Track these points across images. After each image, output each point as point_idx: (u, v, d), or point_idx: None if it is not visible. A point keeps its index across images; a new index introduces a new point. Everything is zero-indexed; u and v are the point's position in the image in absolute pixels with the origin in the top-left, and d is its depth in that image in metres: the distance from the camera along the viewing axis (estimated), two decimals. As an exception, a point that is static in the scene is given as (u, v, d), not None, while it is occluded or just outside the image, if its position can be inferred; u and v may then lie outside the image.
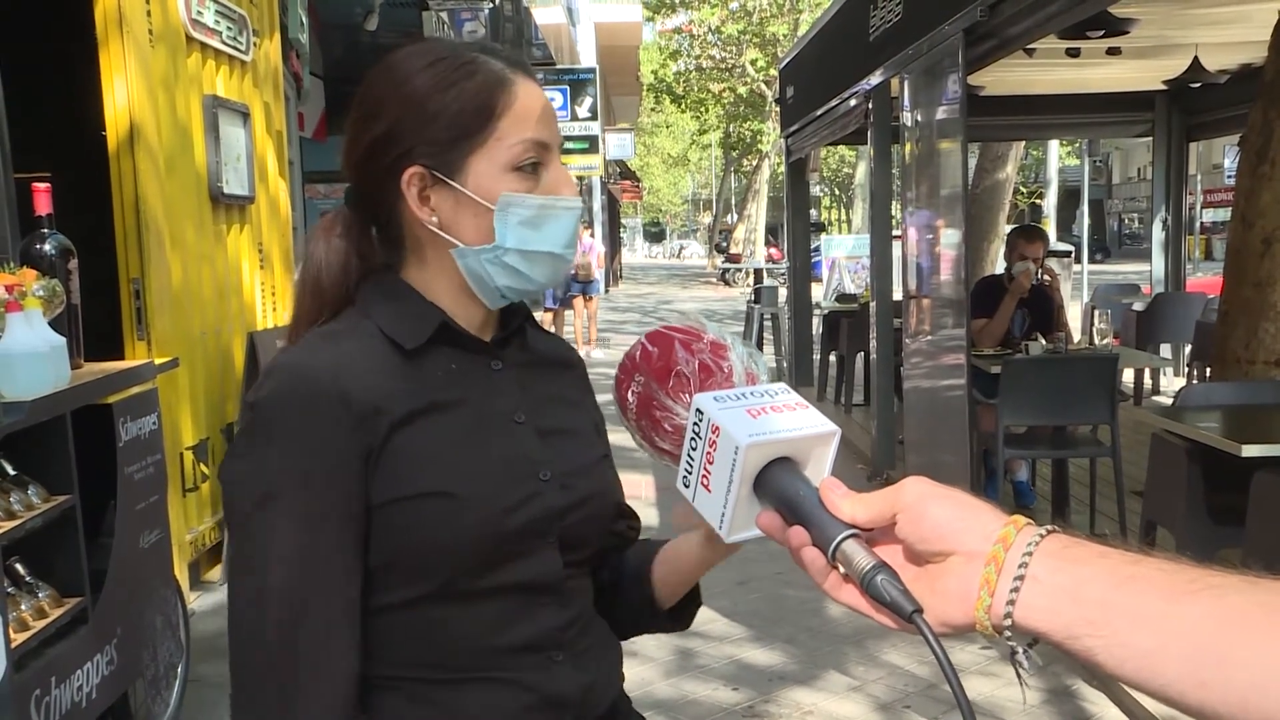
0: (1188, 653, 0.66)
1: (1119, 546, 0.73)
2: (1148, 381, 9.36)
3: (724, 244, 37.16)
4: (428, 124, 1.13)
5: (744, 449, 0.81)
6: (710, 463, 0.84)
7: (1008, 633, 0.72)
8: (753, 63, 29.94)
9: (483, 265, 1.16)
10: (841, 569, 0.78)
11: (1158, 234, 9.96)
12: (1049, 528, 0.74)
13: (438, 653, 1.13)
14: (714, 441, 0.83)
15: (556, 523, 1.17)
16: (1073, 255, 15.80)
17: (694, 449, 0.86)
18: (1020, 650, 0.73)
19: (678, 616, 1.31)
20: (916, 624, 0.74)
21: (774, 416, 0.84)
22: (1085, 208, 19.59)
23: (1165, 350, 9.66)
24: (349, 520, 1.08)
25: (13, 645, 2.49)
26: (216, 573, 4.79)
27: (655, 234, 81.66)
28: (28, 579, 2.71)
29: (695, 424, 0.85)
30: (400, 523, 1.10)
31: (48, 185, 3.07)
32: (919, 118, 5.97)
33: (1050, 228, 17.15)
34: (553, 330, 1.96)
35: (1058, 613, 0.70)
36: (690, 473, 0.86)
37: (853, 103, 7.69)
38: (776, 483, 0.83)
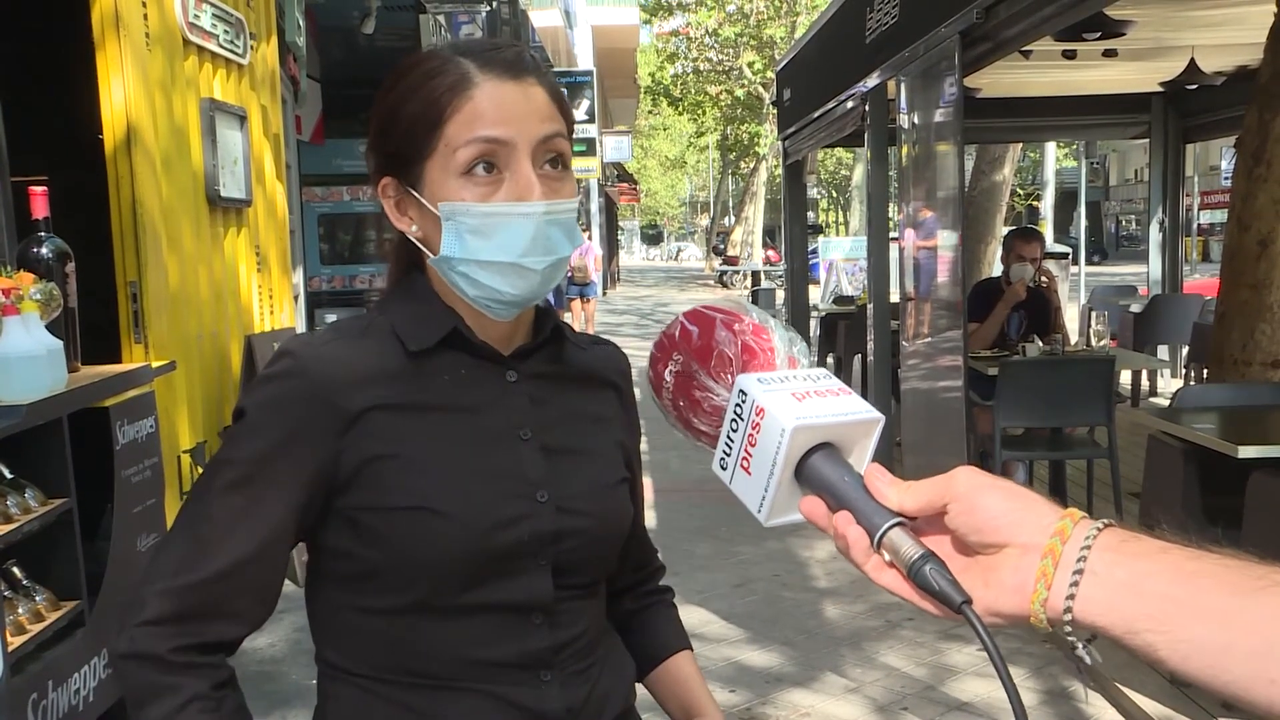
0: (1256, 649, 0.65)
1: (1179, 542, 0.71)
2: (1145, 383, 9.37)
3: (721, 246, 37.17)
4: (393, 135, 1.13)
5: (790, 432, 0.79)
6: (752, 445, 0.82)
7: (1067, 627, 0.71)
8: (750, 65, 29.94)
9: (448, 276, 1.13)
10: (886, 556, 0.77)
11: (1155, 236, 9.95)
12: (1106, 521, 0.73)
13: (416, 660, 1.12)
14: (757, 424, 0.81)
15: (550, 546, 1.14)
16: (1070, 257, 15.79)
17: (734, 430, 0.83)
18: (1080, 645, 0.72)
19: None
20: (966, 615, 0.73)
21: (819, 401, 0.82)
22: (1082, 209, 19.67)
23: (1162, 352, 9.67)
24: (281, 503, 1.09)
25: (10, 648, 2.49)
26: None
27: (653, 236, 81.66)
28: (25, 582, 2.71)
29: (737, 405, 0.83)
30: (381, 533, 1.09)
31: (44, 188, 3.07)
32: (916, 120, 5.97)
33: (1047, 230, 17.18)
34: None
35: (1117, 607, 0.69)
36: (729, 455, 0.84)
37: (849, 105, 7.68)
38: (820, 468, 0.81)
